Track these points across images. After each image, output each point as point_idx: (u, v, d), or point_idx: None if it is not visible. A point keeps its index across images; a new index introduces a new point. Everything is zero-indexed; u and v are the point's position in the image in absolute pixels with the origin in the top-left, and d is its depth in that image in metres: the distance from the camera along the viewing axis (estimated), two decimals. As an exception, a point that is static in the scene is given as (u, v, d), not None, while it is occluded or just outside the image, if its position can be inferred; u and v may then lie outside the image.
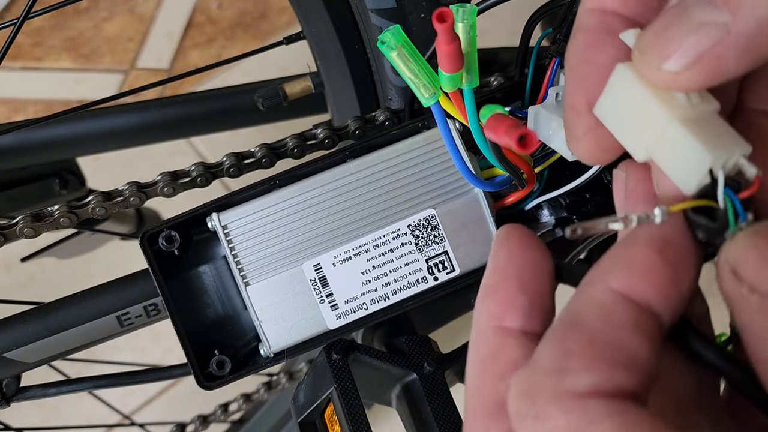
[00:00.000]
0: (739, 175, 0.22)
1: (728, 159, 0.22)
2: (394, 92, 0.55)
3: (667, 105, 0.23)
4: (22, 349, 0.45)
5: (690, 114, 0.23)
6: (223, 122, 0.76)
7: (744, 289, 0.21)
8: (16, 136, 0.70)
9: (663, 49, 0.21)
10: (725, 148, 0.22)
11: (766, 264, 0.20)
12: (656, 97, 0.23)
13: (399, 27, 0.33)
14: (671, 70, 0.21)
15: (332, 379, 0.42)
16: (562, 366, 0.20)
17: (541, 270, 0.24)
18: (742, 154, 0.22)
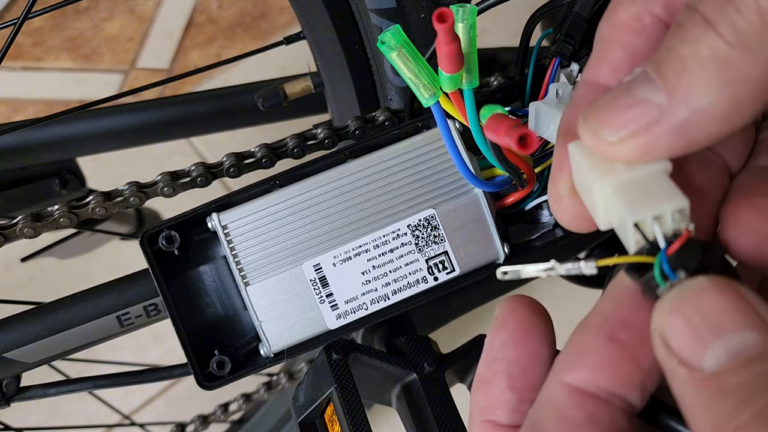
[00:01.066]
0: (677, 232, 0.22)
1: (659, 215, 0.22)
2: (394, 92, 0.55)
3: (603, 172, 0.23)
4: (22, 349, 0.45)
5: (624, 178, 0.23)
6: (223, 122, 0.76)
7: (673, 362, 0.20)
8: (17, 136, 0.70)
9: (602, 120, 0.22)
10: (651, 205, 0.22)
11: (692, 333, 0.19)
12: (595, 166, 0.23)
13: (399, 27, 0.33)
14: (607, 140, 0.22)
15: (332, 379, 0.42)
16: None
17: (535, 362, 0.24)
18: (675, 209, 0.22)
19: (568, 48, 0.41)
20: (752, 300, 0.19)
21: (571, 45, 0.41)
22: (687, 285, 0.20)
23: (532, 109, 0.38)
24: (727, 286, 0.20)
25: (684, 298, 0.20)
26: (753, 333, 0.19)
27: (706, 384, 0.18)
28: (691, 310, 0.19)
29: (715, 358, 0.19)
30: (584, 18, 0.41)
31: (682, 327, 0.19)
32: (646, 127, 0.21)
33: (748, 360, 0.18)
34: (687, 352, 0.19)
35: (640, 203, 0.22)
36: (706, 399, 0.18)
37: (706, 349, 0.19)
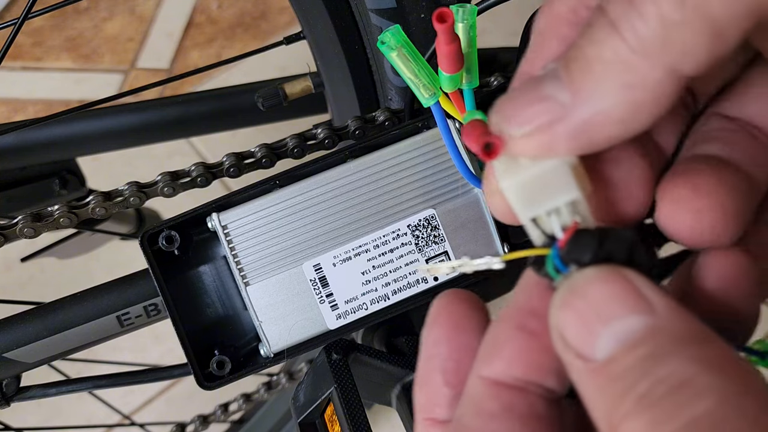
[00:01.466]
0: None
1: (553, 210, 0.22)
2: (394, 92, 0.55)
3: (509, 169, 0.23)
4: (22, 349, 0.45)
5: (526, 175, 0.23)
6: (223, 122, 0.76)
7: (570, 355, 0.20)
8: (17, 136, 0.70)
9: (508, 113, 0.22)
10: (543, 201, 0.22)
11: (582, 324, 0.19)
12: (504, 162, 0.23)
13: (399, 27, 0.33)
14: (509, 133, 0.22)
15: (332, 379, 0.42)
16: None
17: (469, 355, 0.24)
18: (566, 202, 0.22)
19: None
20: (638, 283, 0.20)
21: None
22: (575, 278, 0.21)
23: None
24: (613, 274, 0.20)
25: (572, 291, 0.20)
26: (637, 316, 0.19)
27: (598, 373, 0.19)
28: (580, 303, 0.20)
29: (605, 347, 0.19)
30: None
31: (573, 320, 0.20)
32: (548, 125, 0.21)
33: (633, 344, 0.19)
34: (580, 343, 0.19)
35: (535, 199, 0.22)
36: (599, 388, 0.19)
37: (597, 338, 0.19)
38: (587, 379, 0.19)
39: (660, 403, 0.17)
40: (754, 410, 0.17)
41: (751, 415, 0.17)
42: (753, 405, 0.17)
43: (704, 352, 0.18)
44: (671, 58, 0.19)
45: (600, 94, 0.20)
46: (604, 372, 0.19)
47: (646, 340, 0.18)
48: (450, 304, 0.25)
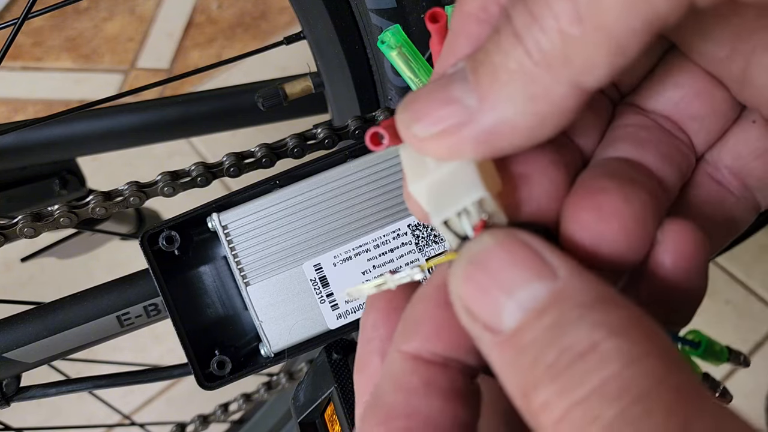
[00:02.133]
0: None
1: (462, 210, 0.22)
2: (394, 92, 0.55)
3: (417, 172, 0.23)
4: (22, 349, 0.45)
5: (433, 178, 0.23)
6: (223, 122, 0.76)
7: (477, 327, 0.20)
8: (17, 136, 0.70)
9: (416, 113, 0.22)
10: (450, 203, 0.22)
11: (486, 296, 0.19)
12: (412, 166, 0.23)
13: (399, 27, 0.33)
14: (417, 134, 0.22)
15: (333, 378, 0.42)
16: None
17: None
18: (473, 202, 0.21)
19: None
20: (538, 247, 0.19)
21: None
22: (473, 247, 0.20)
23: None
24: (510, 239, 0.20)
25: (471, 262, 0.20)
26: (540, 283, 0.19)
27: (507, 345, 0.19)
28: (480, 274, 0.19)
29: (510, 317, 0.19)
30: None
31: (476, 292, 0.19)
32: (455, 128, 0.21)
33: (537, 313, 0.18)
34: (486, 316, 0.19)
35: (442, 202, 0.22)
36: (509, 360, 0.19)
37: (502, 309, 0.19)
38: (497, 352, 0.19)
39: (567, 372, 0.17)
40: (659, 371, 0.17)
41: (657, 376, 0.17)
42: (658, 365, 0.17)
43: (608, 316, 0.18)
44: (573, 72, 0.19)
45: (505, 102, 0.20)
46: (512, 343, 0.19)
47: (550, 308, 0.18)
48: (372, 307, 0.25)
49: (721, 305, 1.13)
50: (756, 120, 0.25)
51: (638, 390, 0.17)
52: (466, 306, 0.20)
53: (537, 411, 0.18)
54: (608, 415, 0.17)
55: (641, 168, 0.24)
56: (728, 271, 1.16)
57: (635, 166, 0.24)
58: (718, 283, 1.15)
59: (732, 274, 1.16)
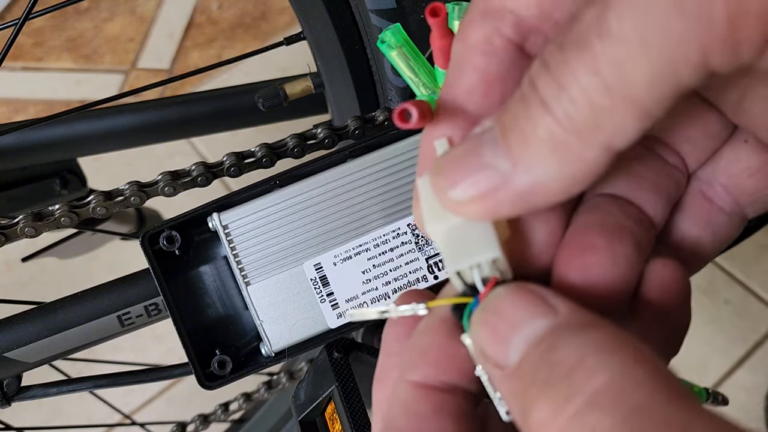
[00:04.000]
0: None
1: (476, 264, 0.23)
2: (394, 92, 0.55)
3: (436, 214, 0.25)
4: (22, 349, 0.45)
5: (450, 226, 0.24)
6: (223, 122, 0.76)
7: (489, 367, 0.21)
8: (18, 136, 0.70)
9: (452, 177, 0.23)
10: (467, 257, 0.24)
11: (496, 335, 0.21)
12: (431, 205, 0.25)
13: (399, 26, 0.33)
14: (453, 198, 0.23)
15: (333, 377, 0.42)
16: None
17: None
18: (488, 260, 0.23)
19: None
20: (542, 293, 0.22)
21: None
22: (487, 299, 0.22)
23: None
24: (519, 287, 0.22)
25: (485, 309, 0.22)
26: (542, 319, 0.21)
27: (512, 376, 0.20)
28: (492, 317, 0.21)
29: (516, 351, 0.20)
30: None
31: (488, 334, 0.21)
32: (490, 192, 0.22)
33: (537, 342, 0.20)
34: (496, 354, 0.21)
35: (458, 253, 0.24)
36: (512, 389, 0.20)
37: (509, 346, 0.21)
38: (505, 384, 0.21)
39: (559, 385, 0.19)
40: (650, 382, 0.18)
41: (648, 387, 0.18)
42: (648, 377, 0.18)
43: (593, 336, 0.19)
44: (603, 137, 0.20)
45: (538, 167, 0.21)
46: (516, 374, 0.20)
47: (547, 337, 0.20)
48: (412, 300, 0.26)
49: (720, 305, 1.13)
50: (748, 140, 0.26)
51: (633, 401, 0.17)
52: (481, 348, 0.22)
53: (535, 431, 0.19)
54: (605, 426, 0.17)
55: (631, 210, 0.25)
56: (727, 270, 1.16)
57: (626, 207, 0.25)
58: (717, 282, 1.15)
59: (731, 273, 1.16)
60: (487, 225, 0.24)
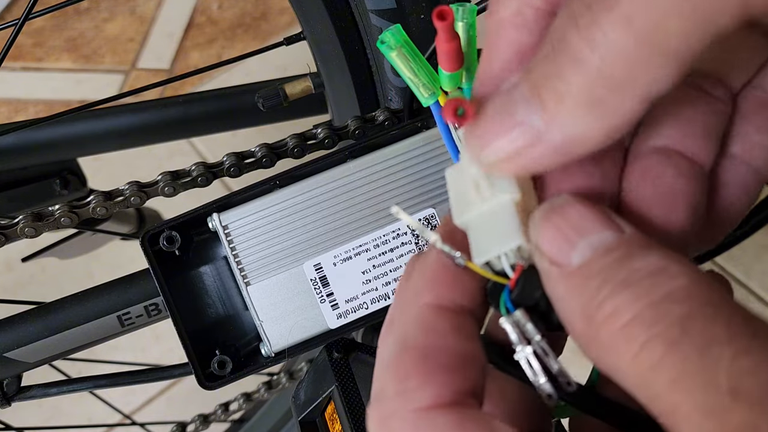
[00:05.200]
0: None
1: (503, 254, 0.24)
2: (394, 92, 0.55)
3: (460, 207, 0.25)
4: (22, 349, 0.45)
5: (474, 215, 0.25)
6: (223, 122, 0.76)
7: (545, 263, 0.23)
8: (18, 137, 0.70)
9: (487, 137, 0.23)
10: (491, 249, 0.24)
11: (561, 236, 0.22)
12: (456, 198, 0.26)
13: (399, 27, 0.33)
14: (490, 157, 0.23)
15: (333, 377, 0.42)
16: (403, 388, 0.22)
17: None
18: (513, 248, 0.24)
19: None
20: (607, 210, 0.23)
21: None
22: (554, 200, 0.23)
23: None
24: (588, 200, 0.23)
25: (552, 209, 0.23)
26: (609, 232, 0.22)
27: (574, 275, 0.22)
28: (559, 219, 0.23)
29: (580, 254, 0.22)
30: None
31: (552, 233, 0.22)
32: (526, 148, 0.22)
33: (606, 250, 0.21)
34: (557, 252, 0.22)
35: (484, 245, 0.25)
36: (575, 286, 0.21)
37: (573, 247, 0.22)
38: (562, 281, 0.22)
39: (639, 283, 0.20)
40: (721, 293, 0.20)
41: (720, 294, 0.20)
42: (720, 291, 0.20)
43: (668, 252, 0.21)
44: (639, 89, 0.20)
45: (573, 122, 0.21)
46: (579, 273, 0.21)
47: (619, 247, 0.21)
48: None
49: (721, 305, 1.13)
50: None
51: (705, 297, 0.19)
52: (537, 243, 0.23)
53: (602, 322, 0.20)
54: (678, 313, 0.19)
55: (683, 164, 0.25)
56: (727, 271, 1.16)
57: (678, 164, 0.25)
58: (718, 283, 1.15)
59: (731, 274, 1.16)
60: (510, 212, 0.24)
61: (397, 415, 0.22)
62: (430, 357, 0.22)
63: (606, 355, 0.20)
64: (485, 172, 0.24)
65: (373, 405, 0.23)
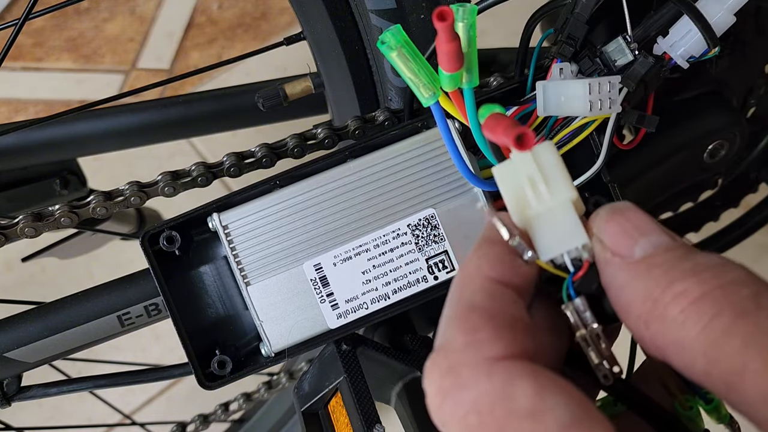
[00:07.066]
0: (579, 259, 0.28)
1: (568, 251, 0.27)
2: (394, 92, 0.55)
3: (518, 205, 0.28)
4: (23, 349, 0.45)
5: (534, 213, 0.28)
6: (223, 122, 0.76)
7: (607, 254, 0.26)
8: (18, 137, 0.70)
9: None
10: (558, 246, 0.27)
11: (624, 233, 0.26)
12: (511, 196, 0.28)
13: (400, 27, 0.33)
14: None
15: (342, 369, 0.42)
16: (473, 340, 0.24)
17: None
18: (579, 246, 0.27)
19: (569, 49, 0.41)
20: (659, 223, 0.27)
21: (572, 46, 0.41)
22: (615, 204, 0.27)
23: (540, 87, 0.38)
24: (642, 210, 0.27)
25: (615, 211, 0.27)
26: (666, 236, 0.26)
27: (638, 263, 0.25)
28: (622, 219, 0.27)
29: (642, 249, 0.26)
30: (585, 19, 0.41)
31: (616, 229, 0.26)
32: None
33: (666, 248, 0.25)
34: (620, 246, 0.26)
35: (550, 243, 0.27)
36: (638, 274, 0.25)
37: (635, 243, 0.26)
38: (624, 269, 0.25)
39: (704, 272, 0.24)
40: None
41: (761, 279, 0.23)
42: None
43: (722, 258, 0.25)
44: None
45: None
46: (643, 262, 0.25)
47: (677, 247, 0.25)
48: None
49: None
50: None
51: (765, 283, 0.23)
52: (600, 237, 0.27)
53: (670, 301, 0.24)
54: (745, 292, 0.23)
55: None
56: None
57: None
58: (718, 283, 1.15)
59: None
60: (570, 211, 0.27)
61: (467, 364, 0.24)
62: (497, 317, 0.25)
63: (670, 330, 0.23)
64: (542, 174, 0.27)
65: (439, 356, 0.25)
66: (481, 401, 0.23)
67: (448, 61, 0.31)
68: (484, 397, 0.23)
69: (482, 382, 0.23)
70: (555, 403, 0.22)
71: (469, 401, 0.23)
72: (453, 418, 0.23)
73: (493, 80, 0.51)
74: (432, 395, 0.24)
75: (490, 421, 0.23)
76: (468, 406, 0.23)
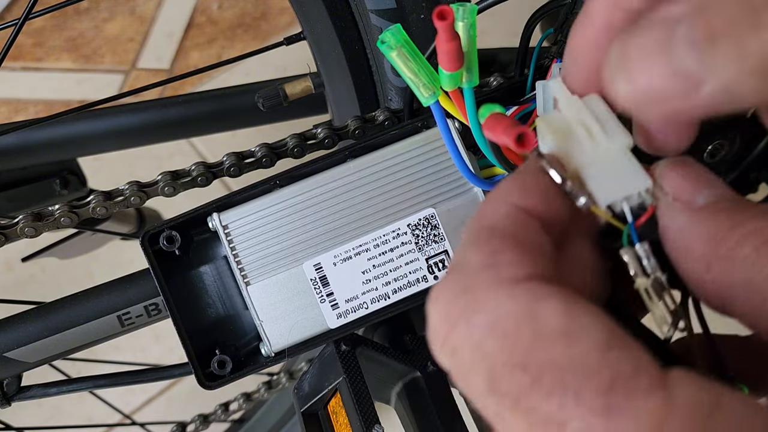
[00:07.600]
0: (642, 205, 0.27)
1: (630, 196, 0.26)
2: (394, 92, 0.55)
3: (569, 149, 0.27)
4: (22, 349, 0.45)
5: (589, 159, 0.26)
6: (223, 123, 0.76)
7: (669, 198, 0.25)
8: (18, 137, 0.70)
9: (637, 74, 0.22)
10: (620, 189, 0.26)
11: (688, 181, 0.25)
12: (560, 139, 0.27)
13: (400, 26, 0.33)
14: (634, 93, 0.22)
15: (341, 369, 0.42)
16: (493, 261, 0.22)
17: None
18: (642, 190, 0.26)
19: (568, 48, 0.41)
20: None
21: (571, 45, 0.41)
22: (676, 158, 0.26)
23: (539, 87, 0.38)
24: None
25: (676, 162, 0.26)
26: (728, 189, 0.25)
27: (702, 210, 0.24)
28: (683, 170, 0.26)
29: (704, 197, 0.25)
30: (584, 18, 0.41)
31: (678, 178, 0.26)
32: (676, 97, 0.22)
33: (728, 200, 0.25)
34: (683, 192, 0.25)
35: (609, 187, 0.26)
36: (702, 218, 0.24)
37: (698, 192, 0.25)
38: (686, 213, 0.25)
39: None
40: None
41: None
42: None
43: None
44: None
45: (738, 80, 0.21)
46: (708, 209, 0.24)
47: (741, 199, 0.24)
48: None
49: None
50: None
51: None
52: (660, 183, 0.26)
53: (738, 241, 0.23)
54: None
55: None
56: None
57: None
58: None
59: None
60: (629, 156, 0.26)
61: (486, 284, 0.22)
62: (520, 240, 0.23)
63: (739, 269, 0.22)
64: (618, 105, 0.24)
65: (451, 276, 0.22)
66: (503, 323, 0.20)
67: (448, 61, 0.31)
68: (507, 319, 0.20)
69: (504, 302, 0.21)
70: (589, 322, 0.20)
71: (488, 324, 0.21)
72: (466, 345, 0.21)
73: (493, 80, 0.51)
74: (438, 322, 0.22)
75: (514, 345, 0.20)
76: (486, 330, 0.20)
